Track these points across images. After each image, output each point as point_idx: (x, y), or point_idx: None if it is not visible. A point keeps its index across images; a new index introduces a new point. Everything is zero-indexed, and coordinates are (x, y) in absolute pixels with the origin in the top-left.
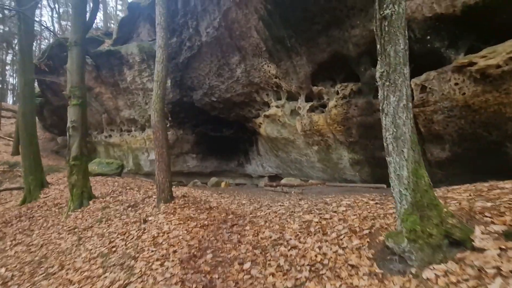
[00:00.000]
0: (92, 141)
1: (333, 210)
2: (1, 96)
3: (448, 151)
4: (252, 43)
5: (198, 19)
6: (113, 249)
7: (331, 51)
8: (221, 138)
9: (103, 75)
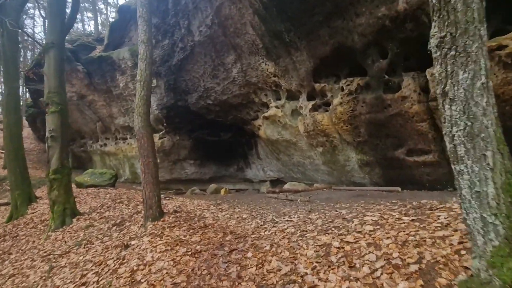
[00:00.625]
0: (87, 151)
1: (357, 230)
2: None
3: None
4: (247, 40)
5: (190, 17)
6: None
7: (334, 44)
8: (219, 143)
9: (95, 82)
